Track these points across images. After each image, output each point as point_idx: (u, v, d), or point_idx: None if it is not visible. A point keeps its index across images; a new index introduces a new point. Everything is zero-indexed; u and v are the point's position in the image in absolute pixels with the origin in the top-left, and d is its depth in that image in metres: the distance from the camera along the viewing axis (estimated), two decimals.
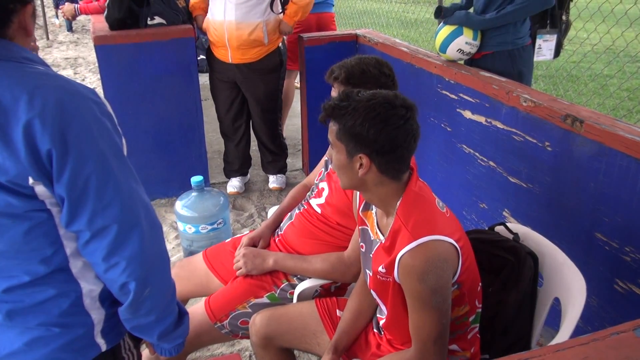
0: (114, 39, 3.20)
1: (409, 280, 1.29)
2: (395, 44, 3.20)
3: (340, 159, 1.36)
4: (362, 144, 1.31)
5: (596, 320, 2.00)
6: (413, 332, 1.35)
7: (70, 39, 8.99)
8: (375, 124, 1.29)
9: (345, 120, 1.31)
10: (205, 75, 3.97)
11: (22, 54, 1.07)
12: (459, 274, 1.33)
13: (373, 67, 1.76)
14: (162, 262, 1.18)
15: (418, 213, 1.33)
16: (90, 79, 6.57)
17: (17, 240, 1.06)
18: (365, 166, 1.33)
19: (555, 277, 1.54)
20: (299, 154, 4.14)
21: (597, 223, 1.95)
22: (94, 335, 1.17)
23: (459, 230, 1.37)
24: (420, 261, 1.27)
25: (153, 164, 3.49)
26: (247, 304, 1.83)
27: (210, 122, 3.83)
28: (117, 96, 3.28)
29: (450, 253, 1.30)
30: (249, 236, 2.01)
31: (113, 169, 1.07)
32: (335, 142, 1.36)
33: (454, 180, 2.77)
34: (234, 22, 3.16)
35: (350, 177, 1.38)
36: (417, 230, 1.29)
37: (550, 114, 2.09)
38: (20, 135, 0.98)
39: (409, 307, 1.34)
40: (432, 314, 1.29)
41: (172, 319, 1.24)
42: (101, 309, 1.17)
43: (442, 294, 1.29)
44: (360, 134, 1.30)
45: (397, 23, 9.11)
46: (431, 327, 1.31)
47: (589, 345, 0.86)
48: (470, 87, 2.53)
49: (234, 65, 3.29)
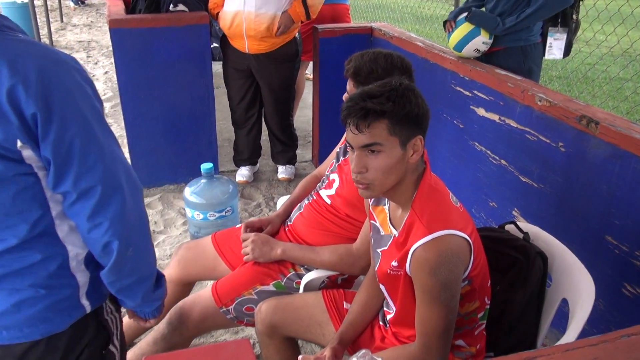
0: (129, 23, 3.20)
1: (420, 273, 1.29)
2: (411, 38, 3.18)
3: (393, 155, 1.29)
4: (418, 124, 1.31)
5: (602, 324, 1.99)
6: (419, 325, 1.35)
7: (84, 22, 9.00)
8: (420, 100, 1.31)
9: (399, 109, 1.27)
10: (217, 63, 3.97)
11: (2, 22, 1.09)
12: (470, 269, 1.32)
13: (383, 69, 1.68)
14: (143, 223, 1.22)
15: (433, 207, 1.32)
16: (103, 63, 6.58)
17: (5, 204, 1.09)
18: (421, 147, 1.33)
19: (564, 278, 1.53)
20: (309, 145, 4.13)
21: (608, 226, 1.94)
22: (79, 296, 1.21)
23: (471, 225, 1.36)
24: (434, 255, 1.26)
25: (163, 149, 3.49)
26: (253, 290, 1.84)
27: (221, 110, 3.83)
28: (129, 80, 3.28)
29: (463, 248, 1.30)
30: (259, 218, 2.02)
31: (96, 132, 1.11)
32: (386, 139, 1.27)
33: (464, 177, 2.76)
34: (253, 12, 3.14)
35: (399, 172, 1.32)
36: (432, 224, 1.29)
37: (565, 114, 2.07)
38: (5, 100, 1.01)
39: (418, 300, 1.33)
40: (440, 308, 1.29)
41: (153, 280, 1.29)
42: (86, 272, 1.21)
43: (451, 289, 1.29)
44: (418, 115, 1.30)
45: (412, 18, 9.05)
46: (437, 322, 1.30)
47: (599, 347, 0.86)
48: (485, 84, 2.51)
49: (251, 54, 3.28)
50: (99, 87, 5.70)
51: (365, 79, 1.67)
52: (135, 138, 3.42)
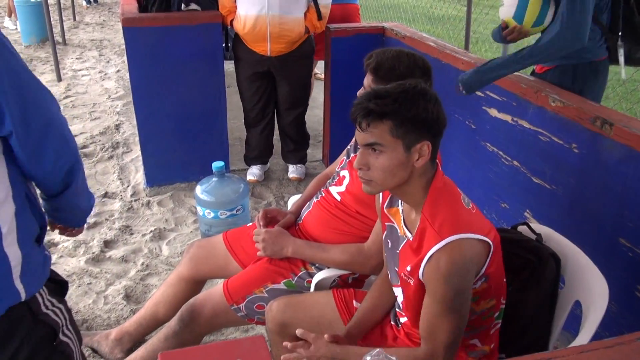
0: (142, 21, 3.22)
1: (433, 282, 1.29)
2: (423, 38, 3.18)
3: (395, 156, 1.29)
4: (427, 130, 1.29)
5: (614, 327, 1.97)
6: (427, 332, 1.34)
7: (96, 21, 9.05)
8: (436, 105, 1.29)
9: (404, 112, 1.26)
10: (228, 62, 3.97)
11: None
12: (487, 265, 1.31)
13: (405, 67, 1.68)
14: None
15: (444, 212, 1.32)
16: (115, 61, 6.62)
17: None
18: (427, 153, 1.30)
19: (577, 280, 1.52)
20: (320, 145, 4.13)
21: (621, 228, 1.92)
22: (13, 278, 1.17)
23: (486, 224, 1.35)
24: (446, 262, 1.26)
25: (174, 147, 3.51)
26: (264, 288, 1.84)
27: (231, 109, 3.84)
28: (142, 78, 3.30)
29: (477, 250, 1.29)
30: (278, 209, 2.04)
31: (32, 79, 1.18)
32: (388, 141, 1.28)
33: (476, 178, 2.75)
34: (277, 15, 3.14)
35: (402, 174, 1.31)
36: (443, 229, 1.28)
37: (579, 115, 2.06)
38: None
39: (428, 306, 1.33)
40: (452, 318, 1.29)
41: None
42: (19, 251, 1.18)
43: (464, 295, 1.29)
44: (425, 120, 1.28)
45: (424, 18, 9.02)
46: (448, 333, 1.30)
47: (614, 349, 0.85)
48: (497, 84, 2.50)
49: (273, 56, 3.28)
50: (111, 85, 5.73)
51: (385, 75, 1.67)
52: (147, 136, 3.44)
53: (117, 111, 4.98)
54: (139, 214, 3.32)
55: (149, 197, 3.48)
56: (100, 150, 4.17)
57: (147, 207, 3.38)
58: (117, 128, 4.58)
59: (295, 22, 3.20)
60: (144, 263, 2.84)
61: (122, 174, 3.81)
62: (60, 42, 7.21)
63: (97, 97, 5.37)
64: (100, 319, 2.46)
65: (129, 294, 2.62)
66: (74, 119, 4.80)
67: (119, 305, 2.53)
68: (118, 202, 3.44)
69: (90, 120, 4.80)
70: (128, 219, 3.26)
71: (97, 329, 2.38)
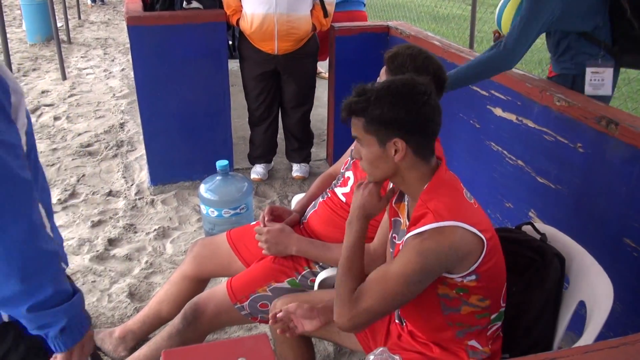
0: (147, 20, 3.22)
1: (409, 249, 1.30)
2: (428, 37, 3.17)
3: (372, 151, 1.36)
4: (395, 127, 1.32)
5: (619, 327, 1.96)
6: (369, 283, 1.35)
7: (101, 20, 9.07)
8: (404, 104, 1.31)
9: (371, 111, 1.32)
10: (233, 61, 3.98)
11: None
12: (479, 263, 1.31)
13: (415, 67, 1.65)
14: (12, 214, 1.06)
15: (442, 198, 1.33)
16: (120, 60, 6.64)
17: None
18: (402, 149, 1.33)
19: (582, 280, 1.51)
20: (324, 144, 4.13)
21: (626, 228, 1.91)
22: None
23: (485, 222, 1.35)
24: (432, 240, 1.28)
25: (178, 146, 3.51)
26: (267, 287, 1.84)
27: (235, 108, 3.84)
28: (146, 77, 3.30)
29: (468, 243, 1.29)
30: (283, 207, 2.04)
31: None
32: (363, 136, 1.36)
33: (480, 177, 2.74)
34: (285, 14, 3.15)
35: (385, 167, 1.37)
36: (439, 213, 1.29)
37: (584, 115, 2.05)
38: None
39: (386, 265, 1.36)
40: (400, 288, 1.30)
41: (50, 292, 1.10)
42: None
43: (425, 277, 1.29)
44: (391, 119, 1.31)
45: (428, 17, 9.01)
46: (383, 298, 1.31)
47: (619, 349, 0.85)
48: (502, 84, 2.49)
49: (279, 55, 3.28)
50: (115, 84, 5.75)
51: (396, 68, 1.68)
52: (151, 135, 3.45)
53: (122, 110, 4.99)
54: (143, 212, 3.33)
55: (153, 196, 3.49)
56: (104, 148, 4.18)
57: (151, 206, 3.39)
58: (121, 126, 4.60)
59: (302, 20, 3.21)
60: (147, 261, 2.85)
61: (127, 172, 3.82)
62: (65, 40, 7.23)
63: (102, 96, 5.39)
64: (104, 317, 2.46)
65: (132, 292, 2.62)
66: (78, 118, 4.81)
67: (123, 304, 2.54)
68: (122, 200, 3.45)
69: (95, 118, 4.81)
70: (132, 217, 3.27)
71: (100, 327, 2.39)
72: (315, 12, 3.27)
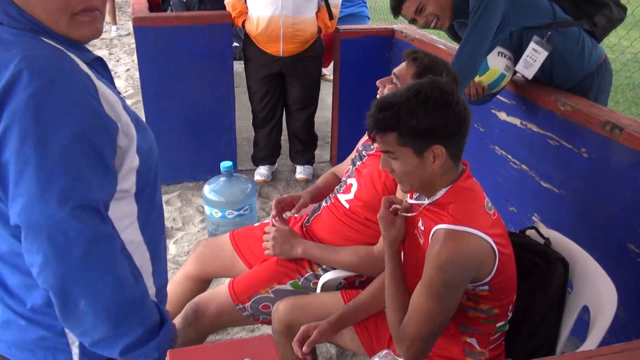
0: (153, 21, 3.23)
1: (430, 264, 1.29)
2: (432, 40, 3.17)
3: (408, 162, 1.34)
4: (433, 135, 1.30)
5: (622, 333, 1.96)
6: (408, 315, 1.35)
7: (106, 20, 9.11)
8: (438, 110, 1.30)
9: (405, 123, 1.29)
10: (237, 62, 3.98)
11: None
12: (493, 275, 1.31)
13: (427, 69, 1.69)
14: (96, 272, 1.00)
15: (463, 203, 1.33)
16: (125, 60, 6.66)
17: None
18: (441, 155, 1.32)
19: (586, 285, 1.51)
20: (327, 146, 4.13)
21: (631, 234, 1.91)
22: (70, 343, 1.11)
23: (503, 235, 1.35)
24: (448, 250, 1.27)
25: (183, 146, 3.52)
26: (270, 289, 1.84)
27: (239, 110, 3.85)
28: (151, 78, 3.31)
29: (483, 252, 1.29)
30: (290, 195, 2.04)
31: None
32: (397, 149, 1.33)
33: (483, 181, 2.70)
34: (290, 16, 3.15)
35: (422, 175, 1.35)
36: (456, 216, 1.29)
37: (588, 120, 2.04)
38: None
39: (416, 289, 1.34)
40: (434, 307, 1.29)
41: (140, 332, 1.08)
42: None
43: (454, 290, 1.29)
44: (429, 127, 1.29)
45: None
46: (425, 320, 1.30)
47: (623, 355, 0.85)
48: (506, 88, 2.49)
49: (285, 57, 3.29)
50: (120, 84, 5.76)
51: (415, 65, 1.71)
52: (156, 135, 3.33)
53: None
54: None
55: None
56: None
57: None
58: None
59: (308, 22, 3.21)
60: None
61: None
62: None
63: None
64: None
65: None
66: None
67: None
68: None
69: None
70: None
71: None
72: (321, 14, 3.28)
